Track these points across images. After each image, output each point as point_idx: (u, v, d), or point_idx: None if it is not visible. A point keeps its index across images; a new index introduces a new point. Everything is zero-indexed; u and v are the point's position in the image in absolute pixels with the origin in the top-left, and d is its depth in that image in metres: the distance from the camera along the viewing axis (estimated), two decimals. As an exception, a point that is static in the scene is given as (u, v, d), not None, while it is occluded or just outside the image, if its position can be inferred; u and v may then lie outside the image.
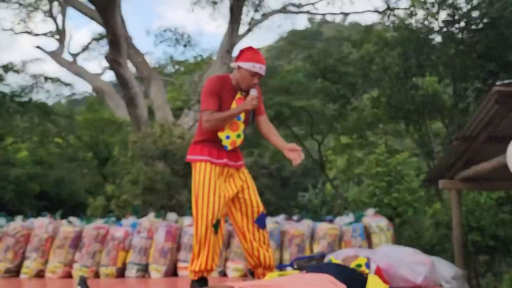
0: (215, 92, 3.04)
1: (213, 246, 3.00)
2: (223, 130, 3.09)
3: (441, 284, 4.05)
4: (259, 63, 3.03)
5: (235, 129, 3.13)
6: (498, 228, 7.64)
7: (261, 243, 3.19)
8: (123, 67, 9.80)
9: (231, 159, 3.15)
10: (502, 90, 4.26)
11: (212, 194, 2.99)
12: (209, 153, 3.08)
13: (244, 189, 3.17)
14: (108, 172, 12.57)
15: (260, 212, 3.17)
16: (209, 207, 2.95)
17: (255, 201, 3.17)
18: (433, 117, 10.69)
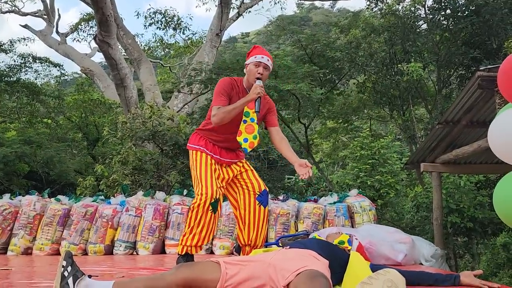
0: (225, 91, 3.14)
1: (208, 224, 3.10)
2: (240, 134, 3.20)
3: (420, 262, 4.23)
4: (261, 54, 3.16)
5: (251, 131, 3.22)
6: (476, 211, 7.86)
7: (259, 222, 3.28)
8: (112, 48, 9.77)
9: (224, 157, 3.26)
10: (485, 75, 4.38)
11: (209, 174, 3.13)
12: (205, 145, 3.22)
13: (243, 172, 3.30)
14: (97, 152, 12.60)
15: (262, 189, 3.27)
16: (207, 186, 3.07)
17: (255, 180, 3.28)
18: (416, 103, 10.90)
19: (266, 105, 3.30)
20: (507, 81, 1.89)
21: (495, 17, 8.44)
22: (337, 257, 2.33)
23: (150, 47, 18.54)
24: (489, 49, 8.73)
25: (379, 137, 11.68)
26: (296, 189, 10.64)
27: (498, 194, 1.91)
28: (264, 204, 3.30)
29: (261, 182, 3.31)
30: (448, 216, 7.75)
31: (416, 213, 8.86)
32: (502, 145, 1.83)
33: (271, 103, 3.36)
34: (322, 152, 15.86)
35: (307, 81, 8.85)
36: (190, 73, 10.38)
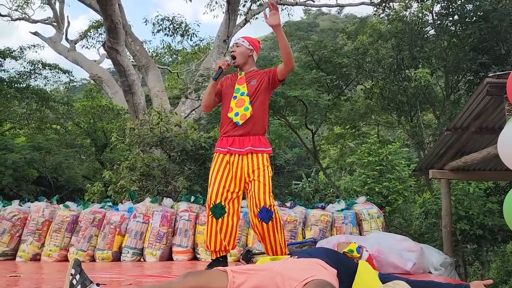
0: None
1: (214, 229, 3.19)
2: (231, 110, 3.31)
3: (430, 271, 4.19)
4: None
5: (241, 104, 3.32)
6: (486, 218, 7.80)
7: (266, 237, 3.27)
8: (121, 54, 9.85)
9: (234, 146, 3.29)
10: (493, 81, 4.37)
11: (213, 180, 3.26)
12: (219, 143, 3.36)
13: (251, 181, 3.25)
14: (105, 158, 12.68)
15: (262, 206, 3.20)
16: (210, 192, 3.21)
17: (257, 195, 3.20)
18: (424, 108, 10.85)
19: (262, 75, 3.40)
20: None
21: (504, 23, 8.41)
22: (345, 266, 2.31)
23: (158, 54, 18.67)
24: (498, 55, 8.69)
25: (387, 143, 11.62)
26: (303, 195, 10.61)
27: (509, 204, 1.89)
28: (266, 220, 3.22)
29: (261, 197, 3.20)
30: (457, 223, 7.69)
31: (425, 219, 8.80)
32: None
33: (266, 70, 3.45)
34: (329, 158, 15.82)
35: (314, 87, 8.85)
36: (197, 79, 10.43)
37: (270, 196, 3.23)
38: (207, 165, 8.20)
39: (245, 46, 3.44)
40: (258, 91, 3.38)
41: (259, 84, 3.40)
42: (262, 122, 3.39)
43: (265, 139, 3.39)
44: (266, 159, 3.31)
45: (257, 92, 3.38)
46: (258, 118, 3.35)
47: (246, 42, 3.45)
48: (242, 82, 3.39)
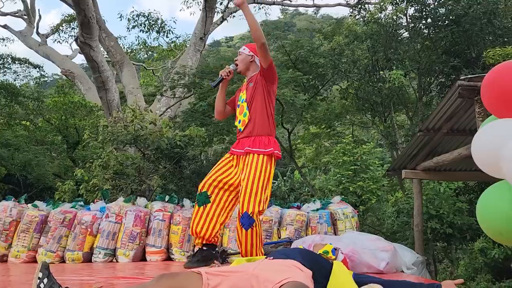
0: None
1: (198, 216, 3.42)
2: (236, 118, 3.54)
3: (402, 270, 4.26)
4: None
5: (242, 111, 3.48)
6: (455, 217, 8.01)
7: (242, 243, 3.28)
8: (94, 50, 9.63)
9: (237, 147, 3.48)
10: (465, 84, 4.49)
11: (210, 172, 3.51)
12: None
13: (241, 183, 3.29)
14: (77, 156, 12.38)
15: (244, 211, 3.20)
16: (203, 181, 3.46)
17: (241, 199, 3.23)
18: (398, 109, 11.06)
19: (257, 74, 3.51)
20: (490, 94, 1.92)
21: (475, 27, 8.64)
22: (320, 267, 2.32)
23: (133, 50, 18.37)
24: (469, 58, 8.93)
25: (361, 143, 11.79)
26: (279, 193, 10.65)
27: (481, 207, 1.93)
28: (245, 227, 3.22)
29: (245, 202, 3.21)
30: (428, 222, 7.86)
31: (397, 218, 8.97)
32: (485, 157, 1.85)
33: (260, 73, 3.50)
34: (305, 157, 15.94)
35: (291, 86, 8.88)
36: (173, 76, 10.31)
37: (256, 202, 3.19)
38: (183, 163, 8.12)
39: (245, 53, 3.56)
40: (254, 92, 3.41)
41: (255, 84, 3.43)
42: (263, 122, 3.38)
43: (267, 139, 3.35)
44: (263, 160, 3.27)
45: (254, 93, 3.41)
46: (258, 119, 3.37)
47: (247, 49, 3.57)
48: (244, 89, 3.54)
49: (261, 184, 3.22)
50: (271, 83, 3.44)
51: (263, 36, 3.23)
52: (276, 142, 3.43)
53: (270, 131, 3.40)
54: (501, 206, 1.77)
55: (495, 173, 1.83)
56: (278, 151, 3.40)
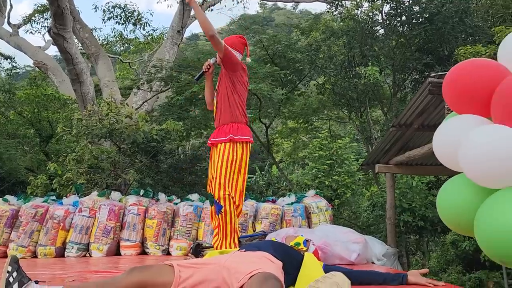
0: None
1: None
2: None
3: (373, 261, 4.38)
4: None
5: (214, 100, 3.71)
6: (427, 210, 8.21)
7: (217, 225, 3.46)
8: (68, 41, 9.42)
9: (210, 139, 3.60)
10: (435, 81, 4.62)
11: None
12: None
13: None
14: (51, 150, 12.11)
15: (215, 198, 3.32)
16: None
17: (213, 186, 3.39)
18: (373, 105, 11.24)
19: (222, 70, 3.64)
20: (450, 91, 2.00)
21: (447, 25, 8.84)
22: (291, 258, 2.37)
23: (108, 42, 18.02)
24: (441, 56, 9.13)
25: (338, 137, 11.95)
26: (256, 188, 10.71)
27: (441, 199, 2.02)
28: (216, 213, 3.37)
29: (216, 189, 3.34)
30: (401, 215, 8.04)
31: (372, 211, 9.15)
32: (445, 152, 1.93)
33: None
34: (282, 152, 16.04)
35: (268, 81, 8.92)
36: (150, 70, 10.20)
37: (221, 187, 3.29)
38: (159, 158, 8.06)
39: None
40: (219, 83, 3.58)
41: (220, 75, 3.58)
42: (226, 111, 3.48)
43: (230, 127, 3.43)
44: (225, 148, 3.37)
45: (219, 84, 3.57)
46: (223, 109, 3.50)
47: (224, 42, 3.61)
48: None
49: (224, 169, 3.31)
50: (232, 71, 3.51)
51: (210, 29, 3.33)
52: (240, 128, 3.47)
53: (234, 118, 3.47)
54: (458, 199, 1.85)
55: (454, 167, 1.91)
56: (241, 135, 3.44)
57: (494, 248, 1.64)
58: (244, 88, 3.59)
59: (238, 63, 3.54)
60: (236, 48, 3.63)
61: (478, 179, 1.74)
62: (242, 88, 3.55)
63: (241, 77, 3.55)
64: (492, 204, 1.68)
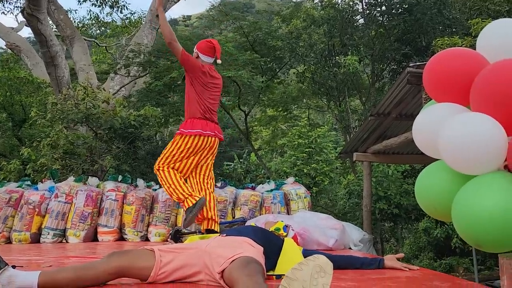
0: None
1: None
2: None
3: (350, 247, 4.46)
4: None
5: None
6: (402, 198, 8.42)
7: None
8: (42, 23, 9.12)
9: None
10: (413, 71, 4.69)
11: None
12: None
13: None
14: (24, 134, 11.77)
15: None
16: None
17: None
18: (352, 94, 11.36)
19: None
20: (430, 80, 2.03)
21: (425, 17, 8.97)
22: (271, 243, 2.40)
23: (84, 25, 17.51)
24: (419, 47, 9.28)
25: (316, 126, 12.04)
26: (235, 175, 10.71)
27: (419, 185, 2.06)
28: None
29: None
30: (376, 203, 8.22)
31: (348, 200, 9.31)
32: (424, 139, 1.98)
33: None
34: (261, 140, 16.06)
35: (248, 68, 8.89)
36: (128, 54, 9.99)
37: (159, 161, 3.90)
38: (137, 144, 7.96)
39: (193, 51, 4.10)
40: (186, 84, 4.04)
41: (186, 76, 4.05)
42: (187, 106, 4.01)
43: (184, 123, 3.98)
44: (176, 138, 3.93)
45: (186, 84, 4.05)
46: (185, 103, 4.07)
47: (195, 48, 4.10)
48: None
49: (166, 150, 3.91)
50: (190, 73, 3.96)
51: (168, 37, 3.83)
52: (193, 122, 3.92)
53: (192, 114, 3.96)
54: (435, 184, 1.90)
55: (433, 154, 1.96)
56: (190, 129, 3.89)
57: (470, 233, 1.70)
58: (204, 88, 3.98)
59: (196, 67, 3.93)
60: (205, 53, 4.07)
61: (456, 166, 1.79)
62: (202, 88, 3.97)
63: (201, 79, 3.96)
64: (470, 190, 1.73)
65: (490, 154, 1.70)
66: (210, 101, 4.01)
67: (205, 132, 3.92)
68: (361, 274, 2.39)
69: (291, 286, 1.54)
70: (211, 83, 4.03)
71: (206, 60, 4.07)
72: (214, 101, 4.08)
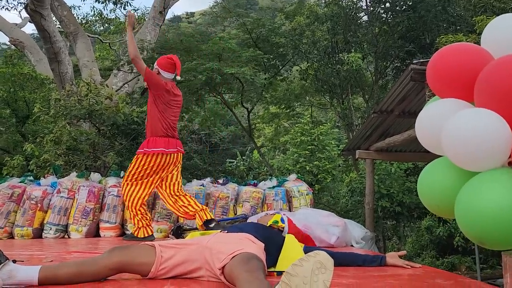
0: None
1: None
2: None
3: (351, 244, 4.45)
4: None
5: None
6: (405, 196, 8.38)
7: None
8: (45, 19, 9.11)
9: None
10: (417, 68, 4.65)
11: None
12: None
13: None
14: (27, 130, 11.80)
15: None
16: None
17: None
18: (355, 92, 11.32)
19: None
20: (434, 75, 2.01)
21: (430, 14, 8.91)
22: (272, 240, 2.40)
23: (88, 21, 17.52)
24: (423, 44, 9.22)
25: (319, 124, 12.01)
26: (237, 173, 10.72)
27: (422, 182, 2.05)
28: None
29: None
30: (379, 201, 8.18)
31: (351, 197, 9.28)
32: (427, 135, 1.96)
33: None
34: (264, 137, 16.05)
35: (251, 65, 8.87)
36: (130, 50, 9.95)
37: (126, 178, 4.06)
38: (140, 140, 7.95)
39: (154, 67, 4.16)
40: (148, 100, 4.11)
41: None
42: (148, 123, 4.07)
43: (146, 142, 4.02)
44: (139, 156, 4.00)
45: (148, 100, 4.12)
46: (147, 120, 4.13)
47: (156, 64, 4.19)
48: None
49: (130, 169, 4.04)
50: (154, 90, 3.99)
51: (132, 53, 3.93)
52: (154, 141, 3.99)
53: (154, 133, 4.02)
54: (439, 181, 1.89)
55: (436, 150, 1.94)
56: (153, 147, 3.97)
57: (473, 230, 1.68)
58: (166, 106, 4.04)
59: (160, 85, 3.97)
60: (165, 69, 4.12)
61: (460, 162, 1.77)
62: (164, 107, 4.02)
63: (164, 97, 4.00)
64: (473, 187, 1.71)
65: (494, 150, 1.69)
66: (172, 119, 4.08)
67: (167, 150, 4.00)
68: (362, 271, 2.38)
69: (291, 282, 1.53)
70: (173, 101, 4.09)
71: (167, 76, 4.13)
72: (175, 118, 4.16)
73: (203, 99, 10.27)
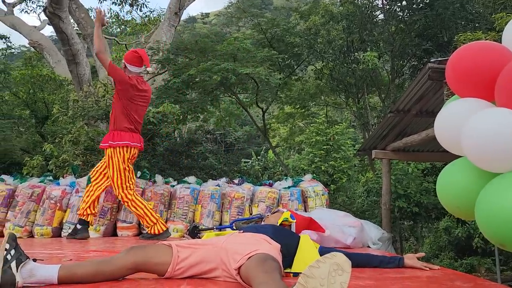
0: None
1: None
2: None
3: (368, 245, 4.41)
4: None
5: None
6: (422, 196, 8.26)
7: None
8: (64, 21, 9.26)
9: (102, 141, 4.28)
10: (435, 67, 4.57)
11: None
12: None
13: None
14: (47, 131, 12.02)
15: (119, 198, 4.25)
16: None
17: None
18: (371, 91, 11.20)
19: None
20: (454, 74, 1.98)
21: (448, 11, 8.76)
22: (288, 241, 2.39)
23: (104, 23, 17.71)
24: (441, 42, 9.08)
25: (334, 123, 11.93)
26: (252, 172, 10.71)
27: (441, 183, 2.01)
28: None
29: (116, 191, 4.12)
30: (396, 201, 8.08)
31: (367, 197, 9.19)
32: (447, 135, 1.92)
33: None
34: (279, 137, 16.02)
35: (266, 65, 8.85)
36: (147, 52, 10.06)
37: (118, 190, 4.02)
38: (156, 140, 8.02)
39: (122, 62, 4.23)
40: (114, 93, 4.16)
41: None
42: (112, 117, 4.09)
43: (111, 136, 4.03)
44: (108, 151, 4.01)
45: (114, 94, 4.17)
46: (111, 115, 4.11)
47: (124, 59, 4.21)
48: None
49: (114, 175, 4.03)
50: (119, 85, 4.01)
51: (96, 48, 3.93)
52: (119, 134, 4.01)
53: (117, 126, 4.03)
54: (458, 181, 1.85)
55: (455, 150, 1.90)
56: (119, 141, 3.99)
57: (494, 232, 1.64)
58: (130, 101, 4.04)
59: (123, 80, 3.98)
60: (131, 63, 4.15)
61: (480, 163, 1.73)
62: (128, 102, 4.03)
63: (127, 92, 4.00)
64: (494, 188, 1.67)
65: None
66: (136, 113, 4.10)
67: (132, 143, 4.05)
68: (379, 273, 2.35)
69: (308, 284, 1.52)
70: (138, 95, 4.09)
71: (134, 70, 4.15)
72: (141, 112, 4.18)
73: (218, 99, 10.30)
